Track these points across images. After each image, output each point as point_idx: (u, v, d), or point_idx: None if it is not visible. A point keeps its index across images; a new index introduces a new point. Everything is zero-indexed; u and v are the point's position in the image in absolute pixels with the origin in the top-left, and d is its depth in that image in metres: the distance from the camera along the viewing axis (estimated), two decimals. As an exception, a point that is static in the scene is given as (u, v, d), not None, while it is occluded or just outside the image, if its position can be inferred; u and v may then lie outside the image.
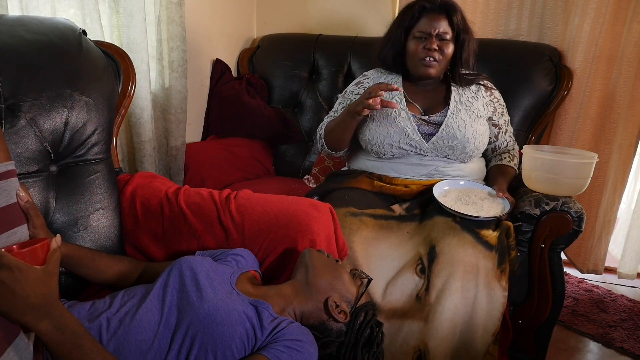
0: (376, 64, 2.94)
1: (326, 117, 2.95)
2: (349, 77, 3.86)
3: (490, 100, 2.81)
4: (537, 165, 2.49)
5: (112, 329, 1.54)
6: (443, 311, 2.25)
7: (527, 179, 2.57)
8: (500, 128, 2.85)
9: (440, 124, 2.67)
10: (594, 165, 2.44)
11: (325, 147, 2.88)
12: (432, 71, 2.65)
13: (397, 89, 2.54)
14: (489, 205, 2.51)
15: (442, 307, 2.25)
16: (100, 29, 2.67)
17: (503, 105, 2.89)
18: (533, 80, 3.24)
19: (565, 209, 2.44)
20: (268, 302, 1.64)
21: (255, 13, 4.38)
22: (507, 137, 2.89)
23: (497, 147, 2.90)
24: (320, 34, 4.00)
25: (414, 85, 2.79)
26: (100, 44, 2.37)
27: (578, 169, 2.44)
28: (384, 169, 2.77)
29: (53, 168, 2.03)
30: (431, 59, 2.62)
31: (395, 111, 2.67)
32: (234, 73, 4.11)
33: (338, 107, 2.92)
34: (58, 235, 1.44)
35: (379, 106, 2.48)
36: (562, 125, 3.46)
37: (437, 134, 2.65)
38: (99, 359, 1.35)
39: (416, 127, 2.66)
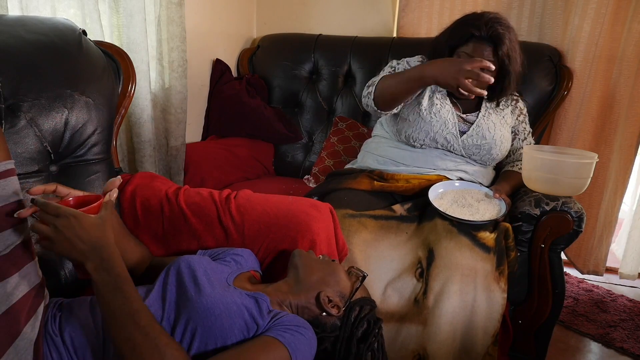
0: (378, 67, 2.93)
1: (375, 78, 2.83)
2: (349, 77, 3.89)
3: (514, 107, 2.86)
4: (537, 165, 2.48)
5: None
6: (441, 315, 2.26)
7: (527, 179, 2.56)
8: (517, 135, 2.88)
9: (473, 123, 2.71)
10: (594, 165, 2.43)
11: (373, 105, 2.76)
12: (465, 96, 2.66)
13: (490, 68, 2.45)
14: (485, 207, 2.52)
15: (440, 310, 2.26)
16: (100, 29, 2.67)
17: (526, 115, 2.93)
18: (533, 80, 3.24)
19: (566, 209, 2.44)
20: (266, 296, 1.65)
21: (255, 13, 4.38)
22: (523, 145, 2.89)
23: (511, 152, 2.92)
24: (320, 34, 4.00)
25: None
26: (100, 44, 2.38)
27: (578, 169, 2.43)
28: (404, 158, 2.79)
29: (53, 168, 2.04)
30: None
31: (440, 102, 2.71)
32: (234, 73, 4.11)
33: (399, 66, 2.84)
34: (114, 190, 1.56)
35: (473, 94, 2.47)
36: (562, 125, 3.46)
37: (468, 132, 2.69)
38: (137, 304, 1.41)
39: (456, 122, 2.69)
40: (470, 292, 2.28)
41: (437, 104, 2.70)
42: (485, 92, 2.47)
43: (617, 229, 3.83)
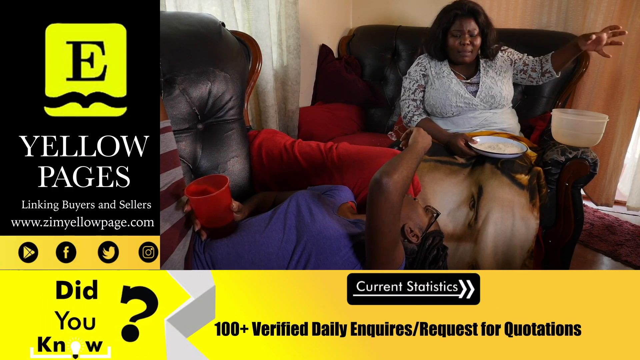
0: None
1: (406, 98, 2.89)
2: (420, 59, 3.84)
3: (506, 56, 2.81)
4: (563, 123, 2.53)
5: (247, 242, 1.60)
6: (487, 235, 2.32)
7: (555, 134, 2.58)
8: (521, 58, 2.82)
9: (479, 83, 2.71)
10: (605, 124, 2.46)
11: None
12: (467, 59, 2.68)
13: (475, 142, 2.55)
14: (509, 150, 2.51)
15: (486, 232, 2.32)
16: (235, 22, 2.72)
17: (515, 52, 2.86)
18: (561, 59, 3.22)
19: (584, 156, 2.45)
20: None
21: (351, 10, 4.36)
22: (531, 58, 2.82)
23: (534, 64, 2.79)
24: (400, 26, 3.95)
25: (455, 64, 2.78)
26: (235, 33, 2.39)
27: (593, 126, 2.47)
28: (446, 124, 2.78)
29: (200, 126, 2.08)
30: (465, 52, 2.65)
31: (448, 79, 2.71)
32: (335, 55, 4.08)
33: (411, 86, 2.88)
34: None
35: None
36: (581, 93, 3.42)
37: (479, 88, 2.69)
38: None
39: (465, 88, 2.69)
40: (509, 219, 2.33)
41: (445, 82, 2.72)
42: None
43: (624, 172, 3.86)
